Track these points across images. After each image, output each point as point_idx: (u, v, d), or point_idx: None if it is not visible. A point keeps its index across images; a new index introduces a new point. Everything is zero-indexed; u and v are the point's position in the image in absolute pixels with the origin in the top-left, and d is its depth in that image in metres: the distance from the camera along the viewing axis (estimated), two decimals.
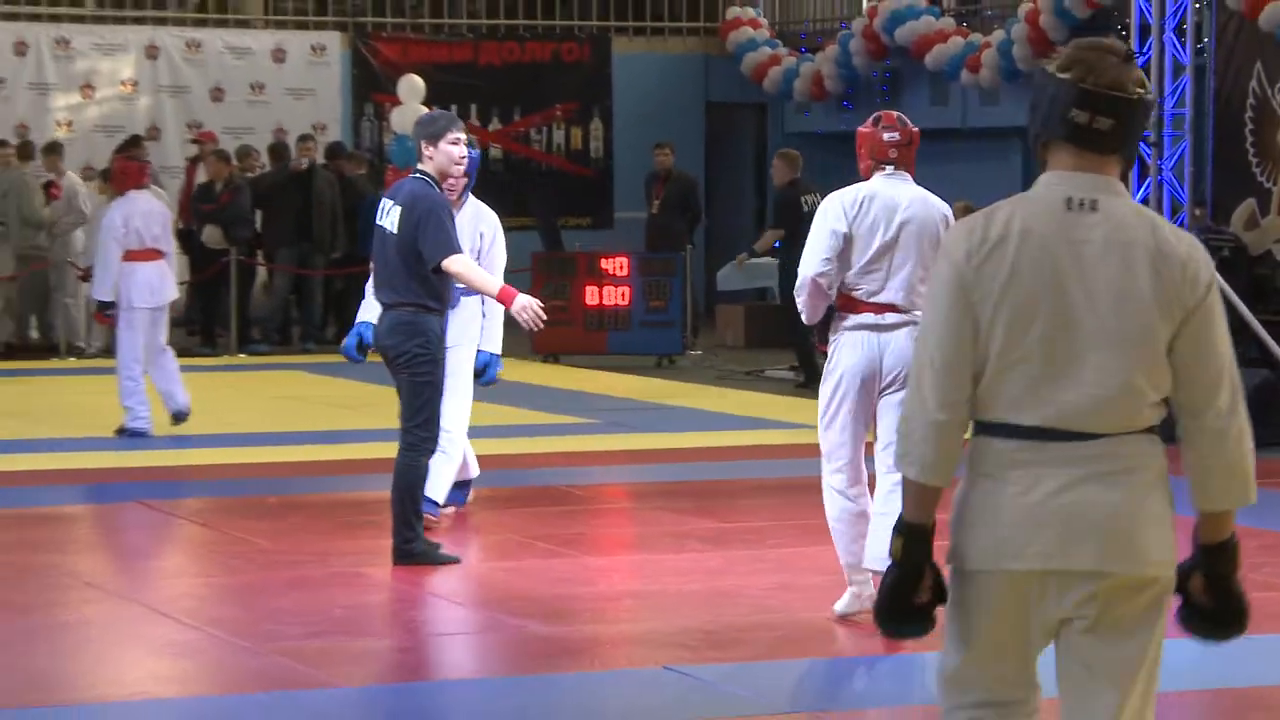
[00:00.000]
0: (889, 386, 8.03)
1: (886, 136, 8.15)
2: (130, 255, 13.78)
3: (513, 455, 13.17)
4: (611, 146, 24.64)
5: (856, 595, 8.11)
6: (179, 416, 13.96)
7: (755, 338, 21.26)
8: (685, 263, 19.50)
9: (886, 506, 7.84)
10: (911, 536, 4.22)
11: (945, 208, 8.19)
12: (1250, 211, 16.65)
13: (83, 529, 10.85)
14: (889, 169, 8.13)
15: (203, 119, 22.91)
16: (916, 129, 8.27)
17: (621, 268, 19.09)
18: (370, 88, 23.57)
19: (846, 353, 8.03)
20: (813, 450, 13.45)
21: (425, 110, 11.78)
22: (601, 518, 11.36)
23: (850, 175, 8.39)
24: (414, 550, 9.31)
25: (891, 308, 8.00)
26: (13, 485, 11.94)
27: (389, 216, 9.25)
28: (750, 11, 24.80)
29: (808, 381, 17.03)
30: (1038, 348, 4.08)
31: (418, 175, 9.33)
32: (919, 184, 8.26)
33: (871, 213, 8.01)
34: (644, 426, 14.89)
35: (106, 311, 13.93)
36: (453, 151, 9.32)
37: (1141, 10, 14.91)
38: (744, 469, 12.76)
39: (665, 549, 9.93)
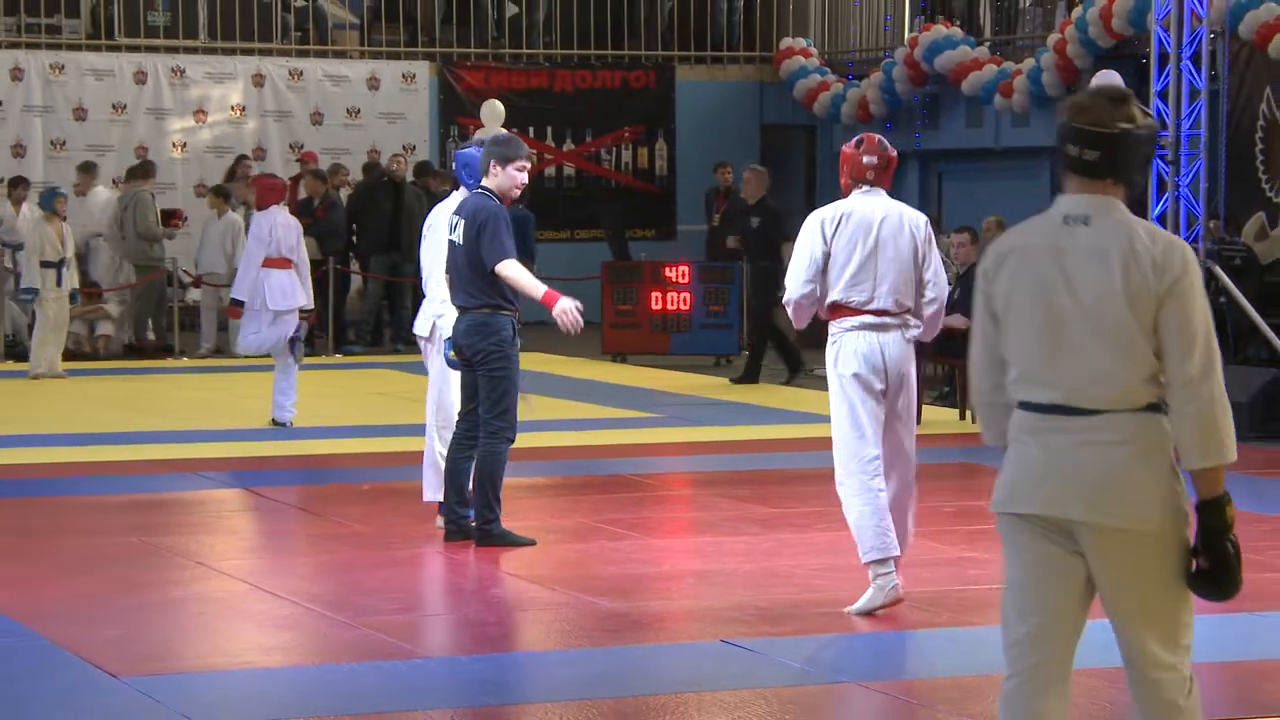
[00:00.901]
0: (892, 389, 7.93)
1: (866, 160, 8.08)
2: (268, 262, 13.92)
3: (584, 446, 13.17)
4: (674, 165, 24.62)
5: (881, 589, 7.91)
6: (279, 424, 13.99)
7: (806, 339, 21.15)
8: (742, 271, 19.45)
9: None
10: None
11: (921, 216, 8.12)
12: (1260, 224, 16.52)
13: (194, 513, 10.89)
14: (865, 187, 8.08)
15: (304, 141, 23.00)
16: (895, 153, 8.19)
17: (683, 275, 19.07)
18: (455, 112, 23.61)
19: (848, 352, 7.95)
20: None
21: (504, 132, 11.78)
22: (665, 503, 11.34)
23: (891, 190, 8.34)
24: (493, 532, 9.31)
25: (884, 313, 7.94)
26: (131, 473, 12.01)
27: (457, 230, 9.28)
28: (802, 42, 24.74)
29: (748, 378, 16.99)
30: (1038, 340, 4.53)
31: (481, 191, 9.32)
32: (953, 200, 8.27)
33: (849, 229, 7.94)
34: (704, 420, 14.87)
35: (238, 308, 14.10)
36: (516, 176, 9.32)
37: (1160, 40, 14.80)
38: (795, 459, 12.71)
39: (723, 532, 9.91)
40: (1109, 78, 14.81)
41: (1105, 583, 4.50)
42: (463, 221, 9.25)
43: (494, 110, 20.31)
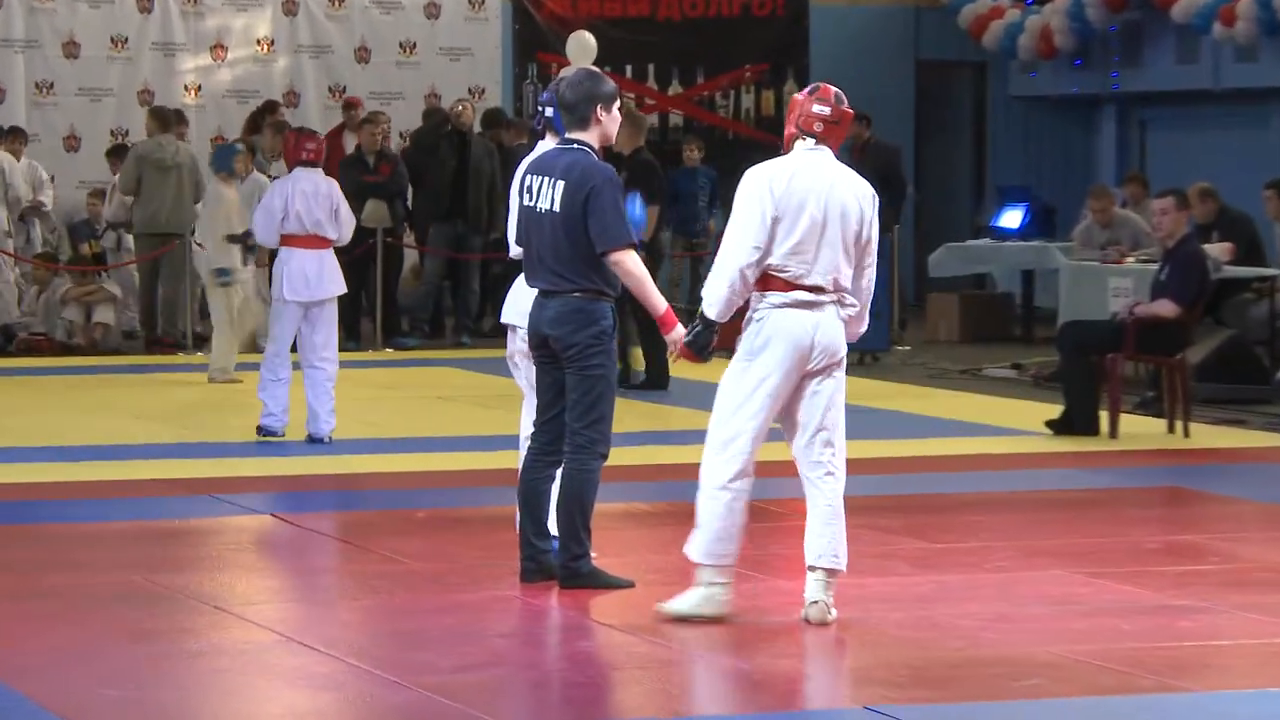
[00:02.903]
0: (817, 371, 8.61)
1: (815, 109, 8.60)
2: (286, 240, 13.96)
3: (694, 465, 13.16)
4: None
5: (708, 598, 8.70)
6: (315, 440, 14.04)
7: (972, 331, 21.15)
8: (891, 245, 19.43)
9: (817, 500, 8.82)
10: None
11: (869, 188, 8.63)
12: None
13: (212, 545, 11.00)
14: (811, 142, 8.60)
15: (346, 82, 23.16)
16: (851, 111, 8.69)
17: None
18: (534, 46, 23.70)
19: (777, 328, 8.58)
20: (1041, 460, 13.45)
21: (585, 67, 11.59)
22: (795, 536, 11.31)
23: (1080, 142, 8.45)
24: (582, 570, 9.34)
25: (819, 289, 8.56)
26: (137, 495, 12.13)
27: (545, 196, 9.25)
28: None
29: (653, 384, 16.78)
30: None
31: (577, 146, 9.31)
32: (1159, 154, 8.39)
33: (798, 191, 8.49)
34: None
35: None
36: (618, 121, 9.37)
37: None
38: (958, 481, 12.68)
39: (868, 572, 9.90)
40: None
41: None
42: (560, 183, 9.23)
43: (583, 44, 20.39)
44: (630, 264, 9.15)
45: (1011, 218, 21.54)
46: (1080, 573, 9.79)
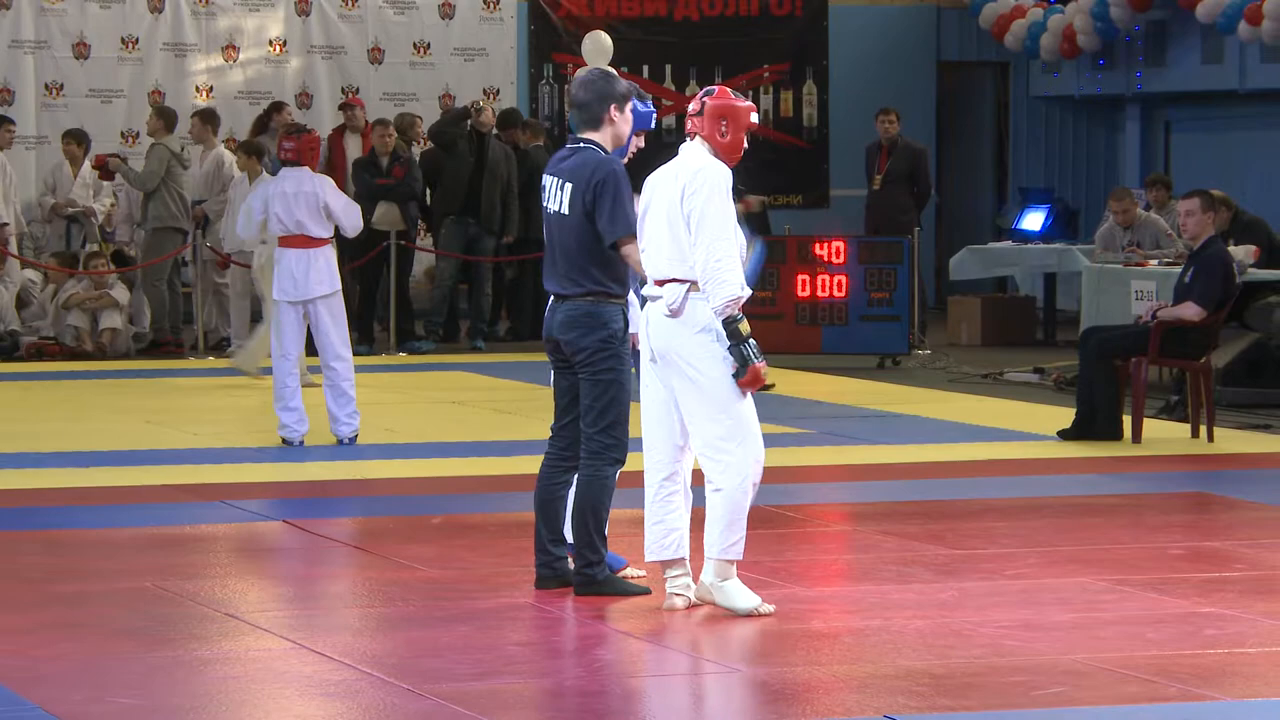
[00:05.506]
0: (662, 369, 9.01)
1: (689, 107, 9.16)
2: (280, 241, 14.16)
3: None
4: (827, 113, 24.61)
5: (667, 593, 9.11)
6: (339, 442, 14.11)
7: (993, 334, 21.14)
8: (913, 247, 19.42)
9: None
10: None
11: (699, 167, 8.86)
12: None
13: (224, 552, 11.02)
14: (687, 140, 9.12)
15: (359, 84, 23.18)
16: (712, 99, 9.02)
17: (838, 253, 19.07)
18: (550, 47, 23.72)
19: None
20: (1064, 465, 13.45)
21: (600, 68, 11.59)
22: (814, 542, 11.35)
23: (1104, 144, 8.40)
24: (597, 578, 9.36)
25: (656, 282, 9.03)
26: (146, 501, 12.15)
27: (555, 198, 9.29)
28: None
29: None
30: None
31: (586, 144, 9.33)
32: (1184, 156, 8.40)
33: (648, 187, 9.12)
34: (864, 437, 14.84)
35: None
36: (631, 119, 9.37)
37: None
38: (980, 487, 12.66)
39: (887, 579, 9.91)
40: None
41: None
42: (569, 185, 9.26)
43: (599, 45, 20.38)
44: (637, 255, 9.17)
45: (1033, 220, 21.54)
46: (1104, 579, 9.79)
